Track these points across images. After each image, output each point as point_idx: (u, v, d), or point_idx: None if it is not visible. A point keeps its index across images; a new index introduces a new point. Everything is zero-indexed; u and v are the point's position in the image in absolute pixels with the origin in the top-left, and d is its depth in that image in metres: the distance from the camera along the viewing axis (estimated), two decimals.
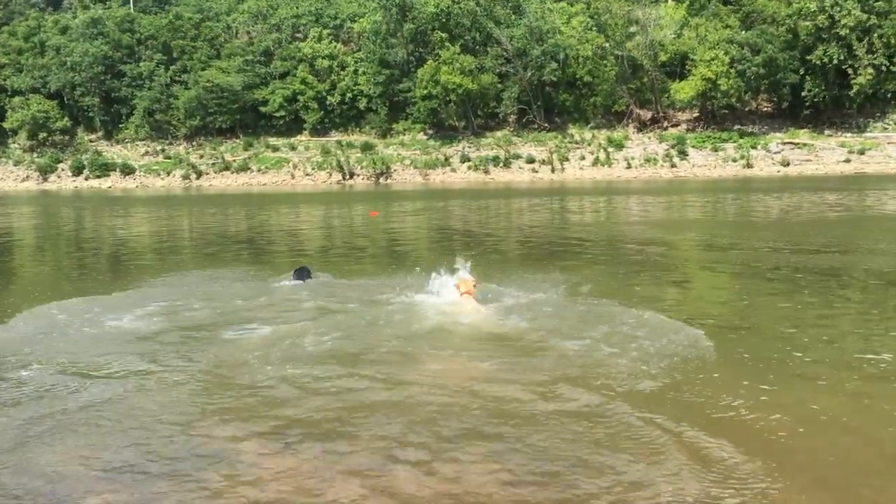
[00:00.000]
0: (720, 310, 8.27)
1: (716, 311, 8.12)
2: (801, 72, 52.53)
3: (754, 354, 6.14)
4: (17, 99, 65.10)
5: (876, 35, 50.25)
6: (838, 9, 50.60)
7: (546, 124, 57.90)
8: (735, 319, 7.61)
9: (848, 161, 49.68)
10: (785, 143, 52.55)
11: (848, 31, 50.37)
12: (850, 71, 51.15)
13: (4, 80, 67.13)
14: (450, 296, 7.57)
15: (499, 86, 57.32)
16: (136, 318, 7.92)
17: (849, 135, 52.46)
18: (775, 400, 5.04)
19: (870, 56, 50.34)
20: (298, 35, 65.76)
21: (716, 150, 53.26)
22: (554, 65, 55.21)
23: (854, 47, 50.60)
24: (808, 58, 51.94)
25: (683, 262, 12.66)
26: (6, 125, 64.86)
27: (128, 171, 61.44)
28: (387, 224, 21.64)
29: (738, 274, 10.79)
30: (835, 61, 50.84)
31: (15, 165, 64.60)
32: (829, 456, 4.26)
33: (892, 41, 50.18)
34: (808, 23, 52.13)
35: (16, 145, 65.93)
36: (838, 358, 6.08)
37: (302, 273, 9.98)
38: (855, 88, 51.08)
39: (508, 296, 8.34)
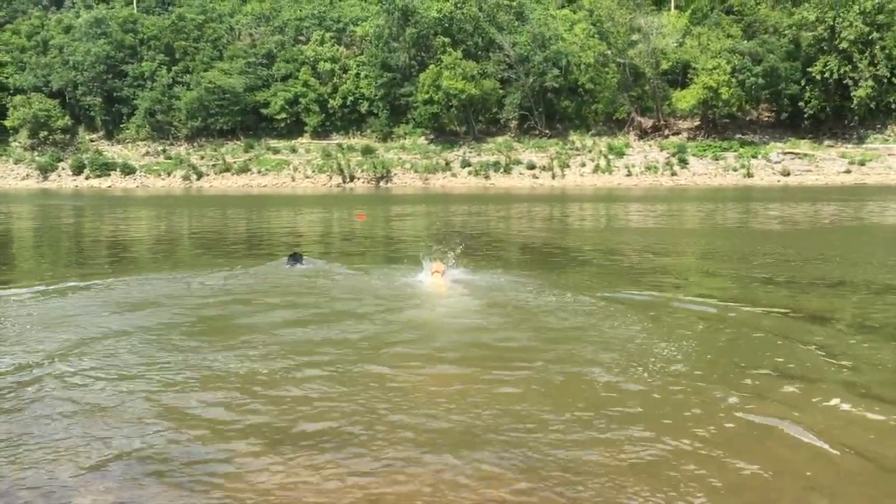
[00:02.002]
0: (712, 309, 8.23)
1: (708, 312, 8.08)
2: (802, 82, 52.62)
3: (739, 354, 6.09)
4: (18, 97, 65.21)
5: (878, 47, 50.33)
6: (840, 21, 50.70)
7: (547, 131, 58.00)
8: (721, 323, 7.57)
9: (848, 172, 49.76)
10: (785, 153, 52.61)
11: (849, 45, 50.45)
12: (850, 83, 51.23)
13: (6, 78, 67.27)
14: (426, 277, 9.38)
15: (500, 91, 57.42)
16: (123, 313, 7.85)
17: (849, 146, 52.53)
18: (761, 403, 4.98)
19: (871, 68, 50.40)
20: (301, 38, 65.91)
21: (716, 158, 53.35)
22: (556, 71, 55.32)
23: (855, 59, 50.65)
24: (808, 70, 52.04)
25: (675, 269, 12.63)
26: (7, 123, 64.96)
27: (128, 171, 61.49)
28: (379, 227, 21.60)
29: (731, 282, 10.75)
30: (836, 75, 50.92)
31: (15, 164, 64.69)
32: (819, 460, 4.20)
33: (894, 53, 50.28)
34: (809, 34, 52.22)
35: (17, 143, 66.05)
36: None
37: (296, 257, 10.95)
38: (856, 100, 51.16)
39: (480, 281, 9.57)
